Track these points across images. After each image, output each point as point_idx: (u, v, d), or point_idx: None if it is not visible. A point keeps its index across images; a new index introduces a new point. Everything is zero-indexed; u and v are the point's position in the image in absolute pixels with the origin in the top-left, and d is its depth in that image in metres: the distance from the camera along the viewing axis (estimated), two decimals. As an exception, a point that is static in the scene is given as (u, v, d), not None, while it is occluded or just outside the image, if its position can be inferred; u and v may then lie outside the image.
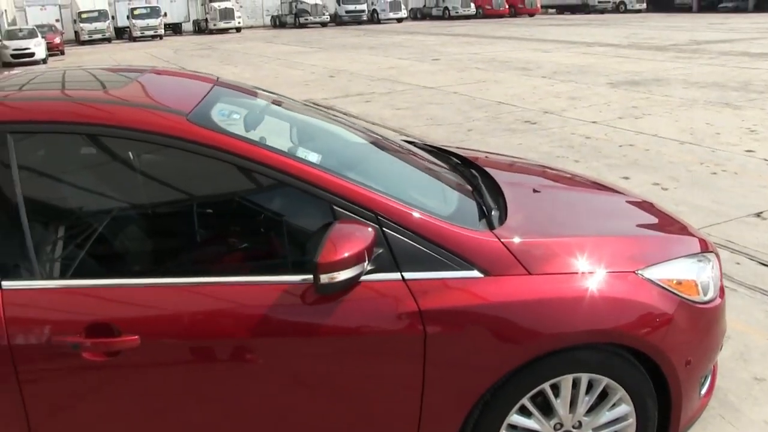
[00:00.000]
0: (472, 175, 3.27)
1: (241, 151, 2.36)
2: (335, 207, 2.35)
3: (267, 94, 3.37)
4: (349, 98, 13.50)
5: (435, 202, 2.70)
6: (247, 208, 2.71)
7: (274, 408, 2.40)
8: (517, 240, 2.51)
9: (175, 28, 51.06)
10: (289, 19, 50.95)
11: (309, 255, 2.38)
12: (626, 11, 50.51)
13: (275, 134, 2.85)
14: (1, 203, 2.29)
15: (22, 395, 2.20)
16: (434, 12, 52.55)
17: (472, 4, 50.64)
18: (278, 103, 3.29)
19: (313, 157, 2.55)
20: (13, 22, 44.99)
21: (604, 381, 2.54)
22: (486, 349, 2.38)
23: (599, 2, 51.88)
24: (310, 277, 2.25)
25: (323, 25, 49.05)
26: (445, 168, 3.30)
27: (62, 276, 2.37)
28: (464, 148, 4.08)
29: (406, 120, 10.86)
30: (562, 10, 55.14)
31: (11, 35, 32.16)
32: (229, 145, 2.36)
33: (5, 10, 46.47)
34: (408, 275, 2.34)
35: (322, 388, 2.39)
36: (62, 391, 2.27)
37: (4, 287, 2.21)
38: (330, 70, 19.15)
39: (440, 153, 3.66)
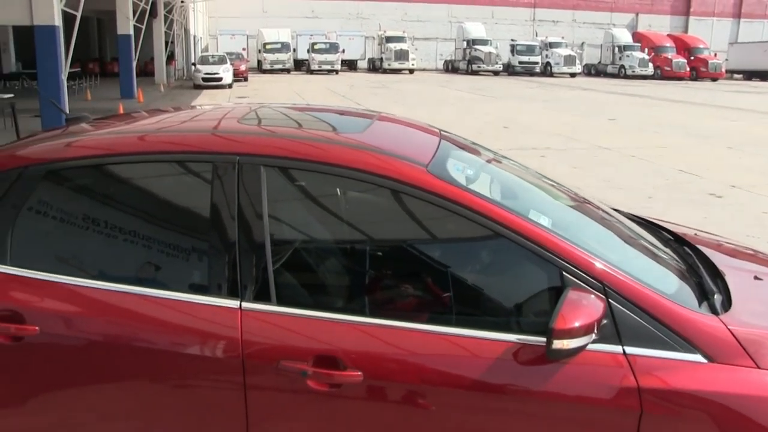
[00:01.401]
0: (686, 252, 3.13)
1: (479, 207, 2.41)
2: (565, 273, 2.35)
3: (486, 151, 3.40)
4: (523, 151, 13.43)
5: (657, 278, 2.60)
6: (474, 262, 2.76)
7: None
8: (745, 329, 2.37)
9: (350, 65, 53.25)
10: (462, 65, 51.76)
11: (526, 316, 2.46)
12: (827, 81, 47.32)
13: (495, 192, 2.86)
14: (248, 228, 2.47)
15: (247, 406, 2.38)
16: (609, 69, 51.60)
17: (651, 64, 49.29)
18: (497, 161, 3.31)
19: (545, 221, 2.54)
20: (206, 49, 48.55)
21: None
22: None
23: (795, 70, 48.95)
24: (526, 337, 2.31)
25: (495, 73, 49.43)
26: (658, 242, 3.18)
27: (297, 305, 2.49)
28: (664, 221, 3.91)
29: (583, 179, 10.62)
30: (750, 76, 52.49)
31: (204, 60, 34.68)
32: (467, 200, 2.42)
33: (201, 38, 50.26)
34: (629, 350, 2.29)
35: None
36: (281, 411, 2.41)
37: (243, 308, 2.40)
38: (503, 120, 19.20)
39: (649, 225, 3.53)
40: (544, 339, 2.22)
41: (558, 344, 2.19)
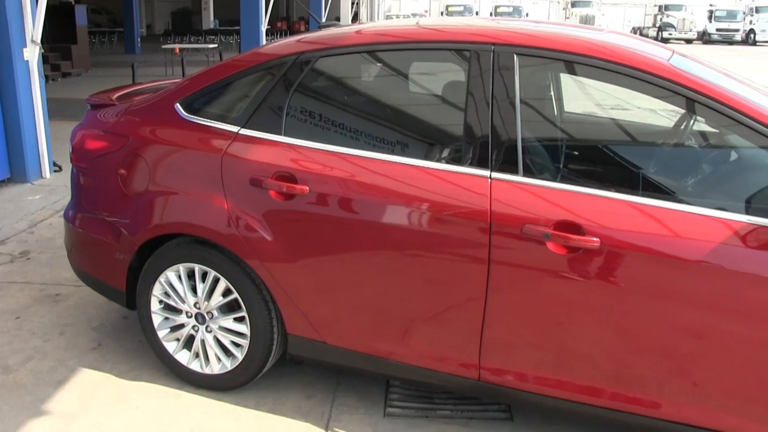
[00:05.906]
0: None
1: (719, 97, 2.55)
2: None
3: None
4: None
5: None
6: (718, 148, 2.99)
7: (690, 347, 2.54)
8: None
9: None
10: (651, 32, 48.85)
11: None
12: None
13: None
14: (501, 109, 2.78)
15: (489, 267, 2.72)
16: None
17: None
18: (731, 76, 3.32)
19: None
20: (389, 10, 49.12)
21: None
22: None
23: None
24: (757, 219, 2.44)
25: (687, 41, 46.11)
26: None
27: (542, 177, 2.74)
28: None
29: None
30: None
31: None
32: (708, 90, 2.57)
33: (385, -2, 50.81)
34: None
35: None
36: (521, 273, 2.69)
37: (493, 177, 2.73)
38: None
39: None
40: None
41: None
